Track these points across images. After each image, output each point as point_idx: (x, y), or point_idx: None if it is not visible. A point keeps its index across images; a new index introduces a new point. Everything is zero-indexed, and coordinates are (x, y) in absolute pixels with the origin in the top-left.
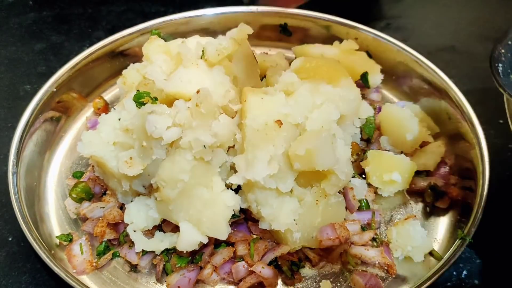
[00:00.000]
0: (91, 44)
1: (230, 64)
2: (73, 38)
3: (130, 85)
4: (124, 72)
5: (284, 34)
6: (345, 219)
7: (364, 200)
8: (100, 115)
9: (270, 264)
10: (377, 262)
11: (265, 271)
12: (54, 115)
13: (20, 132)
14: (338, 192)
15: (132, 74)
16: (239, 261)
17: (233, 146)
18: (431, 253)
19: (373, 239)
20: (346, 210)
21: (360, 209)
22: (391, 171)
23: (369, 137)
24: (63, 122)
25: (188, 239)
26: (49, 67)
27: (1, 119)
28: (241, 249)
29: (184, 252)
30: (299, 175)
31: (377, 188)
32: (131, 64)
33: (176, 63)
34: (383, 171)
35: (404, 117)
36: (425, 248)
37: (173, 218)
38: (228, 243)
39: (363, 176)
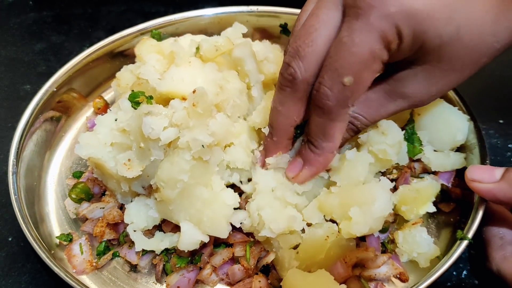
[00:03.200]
0: (91, 44)
1: (222, 61)
2: (73, 38)
3: (125, 87)
4: (117, 74)
5: (284, 34)
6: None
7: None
8: (100, 115)
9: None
10: (391, 275)
11: (263, 284)
12: (54, 115)
13: (20, 132)
14: None
15: (126, 76)
16: (236, 264)
17: (230, 145)
18: None
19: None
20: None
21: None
22: (426, 203)
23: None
24: (63, 122)
25: (190, 238)
26: (49, 67)
27: (1, 119)
28: (238, 251)
29: (185, 251)
30: (322, 205)
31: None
32: (124, 66)
33: (169, 62)
34: (419, 207)
35: (453, 114)
36: (431, 255)
37: (174, 218)
38: (227, 244)
39: None
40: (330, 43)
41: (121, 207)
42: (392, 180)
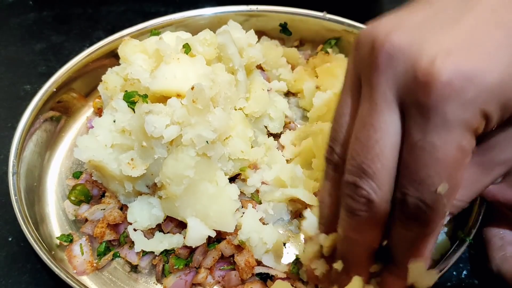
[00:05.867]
0: (91, 44)
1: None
2: (73, 38)
3: (113, 89)
4: (104, 77)
5: (284, 34)
6: None
7: None
8: (100, 115)
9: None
10: None
11: None
12: (54, 115)
13: (20, 132)
14: None
15: (112, 78)
16: (232, 269)
17: (228, 138)
18: None
19: None
20: None
21: None
22: None
23: None
24: (63, 122)
25: (197, 234)
26: (49, 67)
27: (1, 119)
28: (224, 245)
29: (184, 253)
30: None
31: None
32: (109, 69)
33: (155, 60)
34: None
35: None
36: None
37: (180, 215)
38: (220, 239)
39: None
40: (397, 151)
41: (121, 208)
42: None
